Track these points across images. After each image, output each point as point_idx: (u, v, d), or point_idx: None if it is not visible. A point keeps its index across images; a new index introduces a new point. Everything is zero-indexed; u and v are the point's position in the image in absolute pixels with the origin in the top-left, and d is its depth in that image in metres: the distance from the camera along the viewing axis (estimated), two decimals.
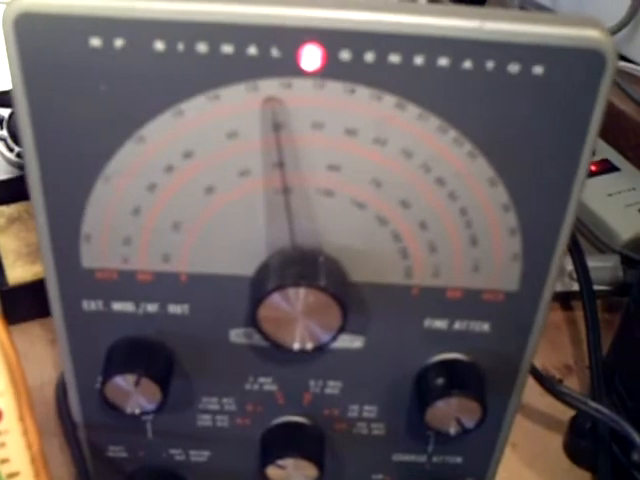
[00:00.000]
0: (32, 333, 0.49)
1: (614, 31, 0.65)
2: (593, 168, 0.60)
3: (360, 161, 0.27)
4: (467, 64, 0.25)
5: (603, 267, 0.53)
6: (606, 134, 0.61)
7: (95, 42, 0.25)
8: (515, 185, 0.28)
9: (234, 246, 0.29)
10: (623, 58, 0.65)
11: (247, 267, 0.30)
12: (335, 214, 0.28)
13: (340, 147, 0.27)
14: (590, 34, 0.25)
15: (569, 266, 0.52)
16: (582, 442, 0.44)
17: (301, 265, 0.29)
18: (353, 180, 0.28)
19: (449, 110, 0.26)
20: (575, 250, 0.50)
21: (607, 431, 0.43)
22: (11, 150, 0.52)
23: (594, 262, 0.53)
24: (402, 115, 0.26)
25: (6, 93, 0.52)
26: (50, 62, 0.26)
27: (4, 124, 0.53)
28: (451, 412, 0.32)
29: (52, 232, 0.29)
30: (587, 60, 0.26)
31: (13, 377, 0.34)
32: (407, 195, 0.28)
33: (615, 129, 0.62)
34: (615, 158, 0.61)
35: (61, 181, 0.28)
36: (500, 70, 0.26)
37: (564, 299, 0.54)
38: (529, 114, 0.26)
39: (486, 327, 0.31)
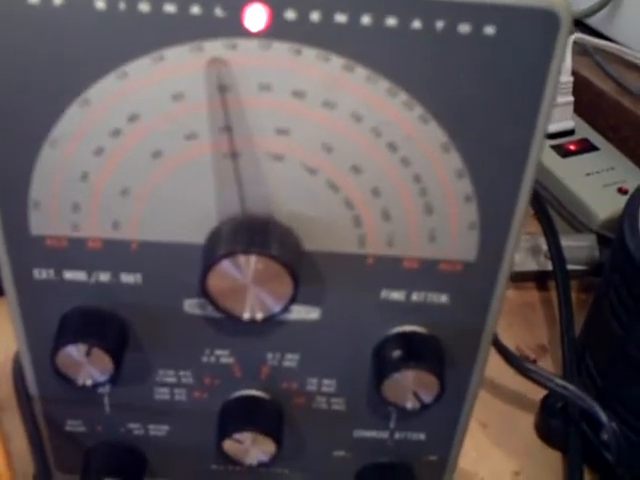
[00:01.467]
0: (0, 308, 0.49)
1: (595, 10, 0.64)
2: (572, 147, 0.59)
3: (309, 125, 0.27)
4: (416, 24, 0.25)
5: (579, 246, 0.52)
6: (586, 113, 0.61)
7: None
8: (469, 150, 0.27)
9: (184, 213, 0.29)
10: (603, 37, 0.65)
11: (198, 235, 0.29)
12: (286, 180, 0.28)
13: (288, 110, 0.26)
14: None
15: (544, 245, 0.52)
16: (553, 422, 0.44)
17: (251, 232, 0.28)
18: (303, 144, 0.27)
19: (398, 72, 0.26)
20: (549, 229, 0.49)
21: (577, 411, 0.43)
22: None
23: (570, 241, 0.52)
24: (350, 77, 0.26)
25: None
26: None
27: None
28: (408, 386, 0.31)
29: None
30: (540, 21, 0.25)
31: None
32: (359, 160, 0.27)
33: (595, 108, 0.61)
34: (594, 138, 0.60)
35: (6, 146, 0.28)
36: (450, 30, 0.25)
37: (539, 279, 0.54)
38: (481, 76, 0.26)
39: (444, 299, 0.31)
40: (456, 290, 0.31)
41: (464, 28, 0.25)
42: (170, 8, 0.25)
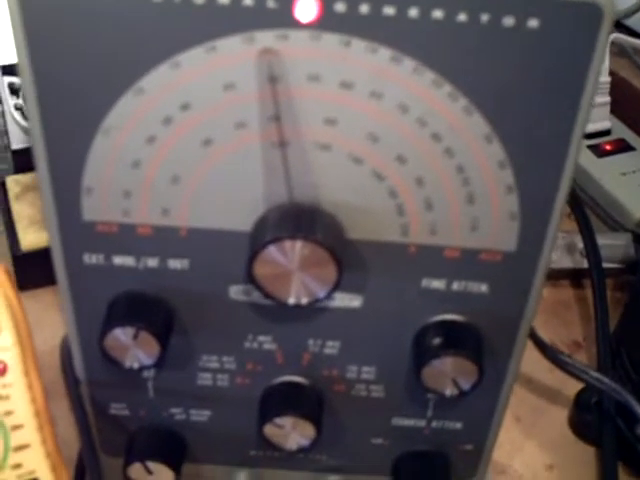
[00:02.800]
0: (45, 299, 0.50)
1: (634, 10, 0.64)
2: (608, 147, 0.59)
3: (356, 115, 0.27)
4: (462, 17, 0.25)
5: (615, 245, 0.53)
6: (622, 113, 0.61)
7: None
8: (511, 142, 0.28)
9: (232, 201, 0.30)
10: None
11: (246, 222, 0.30)
12: (332, 169, 0.29)
13: (336, 100, 0.27)
14: None
15: (580, 244, 0.52)
16: (587, 416, 0.44)
17: (297, 219, 0.29)
18: (349, 134, 0.28)
19: (444, 64, 0.26)
20: (585, 227, 0.50)
21: (612, 405, 0.43)
22: (27, 119, 0.52)
23: (606, 240, 0.53)
24: (397, 68, 0.26)
25: None
26: (49, 15, 0.26)
27: (20, 93, 0.53)
28: (447, 372, 0.32)
29: (54, 185, 0.30)
30: (583, 14, 0.25)
31: (19, 334, 0.35)
32: (403, 150, 0.28)
33: (632, 109, 0.62)
34: (631, 138, 0.61)
35: (62, 134, 0.29)
36: (495, 23, 0.26)
37: (575, 276, 0.54)
38: (524, 69, 0.26)
39: (484, 288, 0.31)
40: (496, 280, 0.31)
41: (508, 21, 0.26)
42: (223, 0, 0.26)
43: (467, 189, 0.29)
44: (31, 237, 0.50)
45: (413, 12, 0.25)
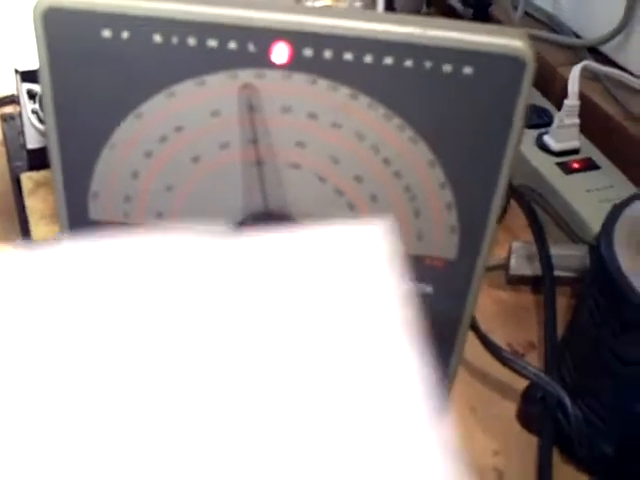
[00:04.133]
0: None
1: (607, 39, 0.69)
2: (576, 165, 0.64)
3: (321, 141, 0.33)
4: (408, 63, 0.31)
5: (572, 255, 0.58)
6: (592, 134, 0.66)
7: (106, 33, 0.31)
8: (451, 167, 0.33)
9: (216, 208, 0.35)
10: (615, 65, 0.70)
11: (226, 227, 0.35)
12: (301, 185, 0.34)
13: (304, 128, 0.32)
14: (513, 43, 0.31)
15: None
16: (531, 409, 0.49)
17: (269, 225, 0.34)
18: (315, 156, 0.33)
19: (394, 101, 0.32)
20: (540, 239, 0.55)
21: (554, 400, 0.48)
22: (42, 122, 0.58)
23: (564, 250, 0.58)
24: (355, 104, 0.32)
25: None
26: (70, 48, 0.31)
27: (37, 99, 0.59)
28: None
29: (66, 188, 0.35)
30: (510, 64, 0.31)
31: None
32: (360, 172, 0.33)
33: (600, 130, 0.67)
34: (598, 157, 0.65)
35: (74, 147, 0.34)
36: (436, 69, 0.31)
37: (534, 283, 0.59)
38: (461, 107, 0.32)
39: (429, 289, 0.37)
40: (439, 283, 0.37)
41: (447, 68, 0.31)
42: (212, 43, 0.31)
43: (413, 205, 0.34)
44: (42, 230, 0.55)
45: (368, 58, 0.31)
